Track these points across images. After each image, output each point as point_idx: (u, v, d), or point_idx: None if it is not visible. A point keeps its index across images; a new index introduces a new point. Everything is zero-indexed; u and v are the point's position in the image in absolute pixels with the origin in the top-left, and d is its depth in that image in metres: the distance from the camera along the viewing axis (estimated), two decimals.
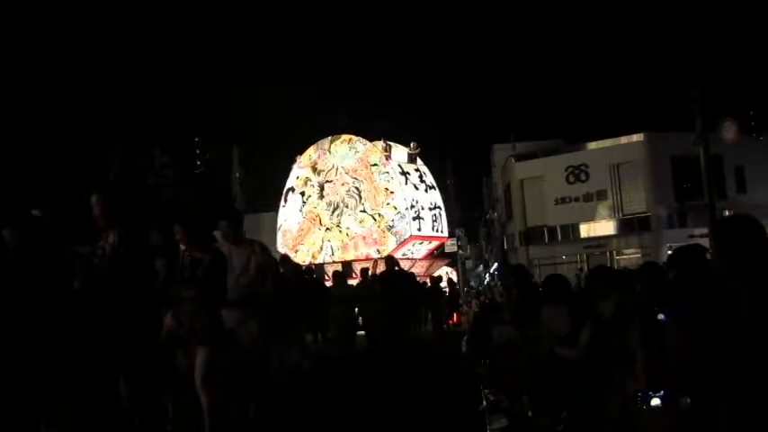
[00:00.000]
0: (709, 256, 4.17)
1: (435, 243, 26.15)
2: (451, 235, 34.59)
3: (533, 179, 33.89)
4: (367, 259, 22.28)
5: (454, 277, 32.39)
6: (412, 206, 24.19)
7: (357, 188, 24.72)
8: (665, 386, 3.50)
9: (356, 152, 24.99)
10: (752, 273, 2.95)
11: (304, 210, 25.89)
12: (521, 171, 34.54)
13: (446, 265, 29.43)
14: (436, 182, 26.94)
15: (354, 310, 12.27)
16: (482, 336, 6.65)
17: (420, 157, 26.06)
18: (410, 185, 24.58)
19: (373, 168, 24.51)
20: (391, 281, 11.30)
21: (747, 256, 3.01)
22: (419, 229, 24.37)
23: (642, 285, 4.66)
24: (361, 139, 25.09)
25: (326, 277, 19.57)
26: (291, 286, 9.14)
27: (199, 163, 45.60)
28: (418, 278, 20.88)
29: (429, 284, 19.72)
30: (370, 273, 13.06)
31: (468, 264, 57.80)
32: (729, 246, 3.11)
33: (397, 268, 11.96)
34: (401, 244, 23.85)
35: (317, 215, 25.44)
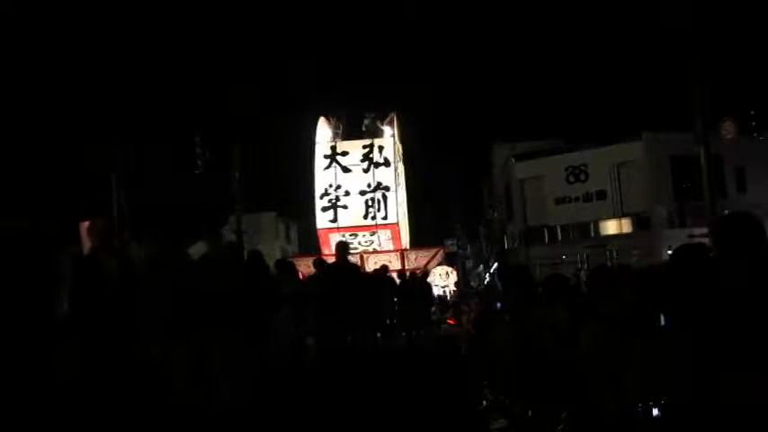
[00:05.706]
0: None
1: (386, 233, 21.45)
2: (451, 235, 34.28)
3: (533, 179, 33.95)
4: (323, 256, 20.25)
5: (454, 276, 32.10)
6: (325, 193, 21.19)
7: None
8: (664, 394, 3.46)
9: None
10: (753, 271, 2.93)
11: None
12: (521, 171, 34.59)
13: (441, 261, 26.50)
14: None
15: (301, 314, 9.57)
16: (482, 336, 6.64)
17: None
18: (333, 169, 21.32)
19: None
20: (332, 277, 9.03)
21: (748, 254, 3.00)
22: (333, 221, 21.09)
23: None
24: (321, 121, 22.57)
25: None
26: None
27: (199, 163, 45.45)
28: (407, 274, 17.19)
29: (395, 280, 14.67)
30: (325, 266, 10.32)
31: (468, 264, 57.69)
32: (730, 244, 3.09)
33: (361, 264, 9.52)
34: (323, 239, 21.03)
35: None
